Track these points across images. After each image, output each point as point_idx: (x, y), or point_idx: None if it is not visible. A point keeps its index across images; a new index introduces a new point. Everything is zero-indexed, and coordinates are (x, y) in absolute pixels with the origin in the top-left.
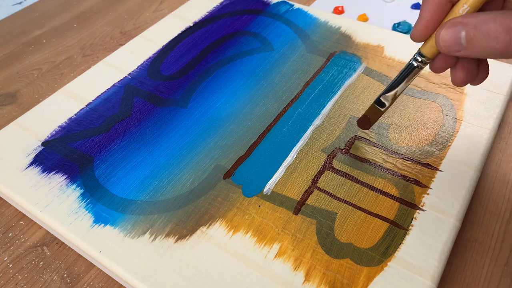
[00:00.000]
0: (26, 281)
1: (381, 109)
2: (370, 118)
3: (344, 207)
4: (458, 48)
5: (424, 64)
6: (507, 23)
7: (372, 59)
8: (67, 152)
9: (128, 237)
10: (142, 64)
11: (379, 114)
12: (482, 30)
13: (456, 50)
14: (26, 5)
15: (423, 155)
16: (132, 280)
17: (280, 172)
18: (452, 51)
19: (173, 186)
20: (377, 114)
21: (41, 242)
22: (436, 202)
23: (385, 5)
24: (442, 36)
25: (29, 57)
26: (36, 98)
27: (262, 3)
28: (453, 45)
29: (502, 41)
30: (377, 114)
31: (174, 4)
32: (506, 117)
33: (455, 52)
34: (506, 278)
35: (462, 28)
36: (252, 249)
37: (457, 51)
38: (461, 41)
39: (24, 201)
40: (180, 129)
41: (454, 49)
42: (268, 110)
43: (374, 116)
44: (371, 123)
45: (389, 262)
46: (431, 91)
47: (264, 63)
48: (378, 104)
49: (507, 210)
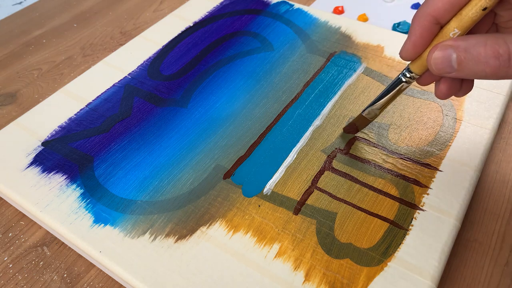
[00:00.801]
0: (26, 281)
1: (369, 119)
2: (358, 126)
3: (344, 207)
4: (449, 70)
5: (412, 80)
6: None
7: (372, 59)
8: (67, 152)
9: (128, 237)
10: (142, 64)
11: (366, 123)
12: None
13: (448, 72)
14: (26, 5)
15: (423, 155)
16: (132, 280)
17: (280, 172)
18: (443, 73)
19: (173, 186)
20: (365, 122)
21: (41, 242)
22: (436, 202)
23: (385, 5)
24: (434, 58)
25: (29, 57)
26: (36, 98)
27: (262, 3)
28: (445, 67)
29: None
30: (364, 123)
31: (174, 4)
32: (506, 117)
33: (446, 74)
34: (506, 278)
35: (453, 51)
36: (252, 249)
37: (448, 72)
38: (452, 63)
39: (24, 201)
40: (180, 129)
41: (446, 71)
42: (268, 110)
43: (361, 124)
44: (357, 129)
45: (389, 262)
46: (431, 91)
47: (264, 63)
48: (366, 114)
49: (507, 210)
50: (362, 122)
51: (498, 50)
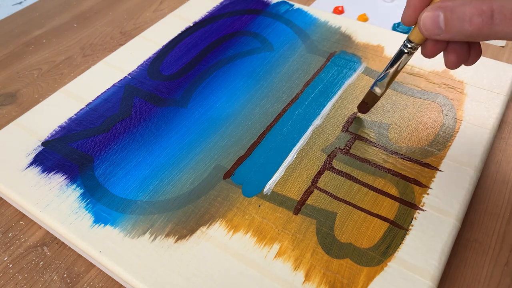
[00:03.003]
0: (26, 281)
1: (377, 94)
2: (368, 103)
3: (344, 207)
4: (437, 31)
5: (414, 50)
6: (479, 5)
7: (372, 59)
8: (67, 152)
9: (128, 237)
10: (142, 64)
11: (376, 99)
12: (457, 13)
13: (437, 33)
14: (26, 5)
15: (423, 155)
16: (132, 280)
17: (280, 172)
18: (433, 35)
19: (173, 186)
20: (374, 99)
21: (41, 242)
22: (436, 202)
23: (385, 5)
24: (423, 20)
25: (29, 57)
26: (36, 98)
27: (262, 3)
28: (433, 29)
29: (474, 23)
30: (374, 100)
31: (174, 4)
32: (506, 117)
33: (436, 36)
34: (506, 278)
35: (441, 11)
36: (252, 249)
37: (437, 34)
38: (440, 24)
39: (24, 201)
40: (180, 129)
41: (435, 33)
42: (268, 110)
43: (371, 101)
44: (369, 107)
45: (389, 262)
46: (431, 91)
47: (264, 63)
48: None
49: (507, 210)
50: (372, 99)
51: (481, 7)
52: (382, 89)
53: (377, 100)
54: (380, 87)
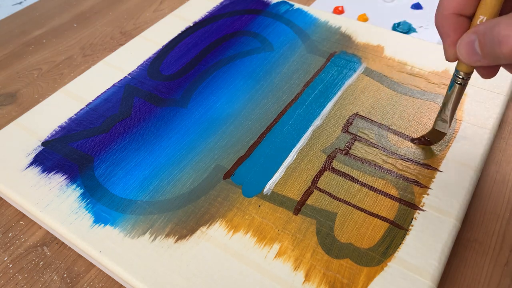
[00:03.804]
0: (26, 281)
1: (442, 131)
2: (432, 140)
3: (344, 207)
4: (476, 57)
5: (467, 79)
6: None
7: (372, 59)
8: (67, 152)
9: (128, 237)
10: (142, 64)
11: (441, 136)
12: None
13: (476, 59)
14: (26, 5)
15: (422, 155)
16: (132, 280)
17: (280, 172)
18: (472, 62)
19: (173, 186)
20: (439, 136)
21: (41, 242)
22: (436, 202)
23: (385, 5)
24: (458, 47)
25: (29, 57)
26: (36, 98)
27: (262, 3)
28: (471, 56)
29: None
30: (439, 136)
31: (174, 4)
32: (506, 117)
33: (476, 62)
34: (506, 278)
35: (475, 37)
36: (252, 249)
37: (477, 60)
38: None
39: (24, 201)
40: (180, 129)
41: (474, 59)
42: (268, 110)
43: (436, 138)
44: (431, 143)
45: (389, 262)
46: (431, 92)
47: (264, 63)
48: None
49: (507, 210)
50: (436, 136)
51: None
52: (446, 124)
53: (443, 137)
54: (443, 122)
